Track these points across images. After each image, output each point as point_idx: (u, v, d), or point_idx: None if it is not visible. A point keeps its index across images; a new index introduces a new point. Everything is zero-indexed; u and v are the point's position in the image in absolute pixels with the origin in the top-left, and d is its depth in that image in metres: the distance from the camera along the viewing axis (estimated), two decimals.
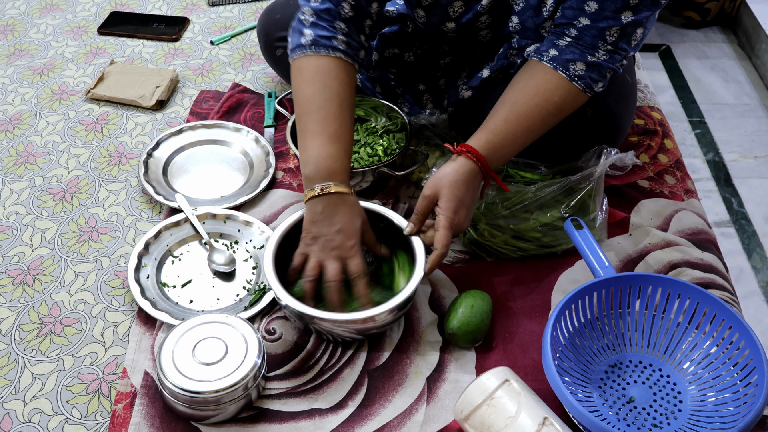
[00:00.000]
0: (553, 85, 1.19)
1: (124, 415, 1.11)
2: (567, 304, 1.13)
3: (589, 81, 1.19)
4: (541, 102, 1.18)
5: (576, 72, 1.18)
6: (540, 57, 1.20)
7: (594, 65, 1.18)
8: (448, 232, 1.13)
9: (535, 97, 1.18)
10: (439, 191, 1.15)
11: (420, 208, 1.18)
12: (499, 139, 1.17)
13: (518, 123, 1.18)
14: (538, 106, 1.18)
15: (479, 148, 1.16)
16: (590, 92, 1.21)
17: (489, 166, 1.17)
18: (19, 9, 2.00)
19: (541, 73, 1.19)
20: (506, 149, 1.18)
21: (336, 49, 1.19)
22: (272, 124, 1.60)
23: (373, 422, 1.12)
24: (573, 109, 1.22)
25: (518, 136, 1.19)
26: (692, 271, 1.33)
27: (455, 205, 1.14)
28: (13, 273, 1.33)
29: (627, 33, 1.17)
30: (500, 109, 1.19)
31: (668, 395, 1.13)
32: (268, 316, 1.25)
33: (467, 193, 1.16)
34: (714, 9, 2.26)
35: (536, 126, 1.19)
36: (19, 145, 1.58)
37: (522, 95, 1.19)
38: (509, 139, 1.18)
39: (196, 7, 2.02)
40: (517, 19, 1.27)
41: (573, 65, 1.18)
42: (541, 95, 1.18)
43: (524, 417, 1.01)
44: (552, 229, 1.30)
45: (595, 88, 1.20)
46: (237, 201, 1.41)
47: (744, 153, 1.85)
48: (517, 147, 1.20)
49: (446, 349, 1.21)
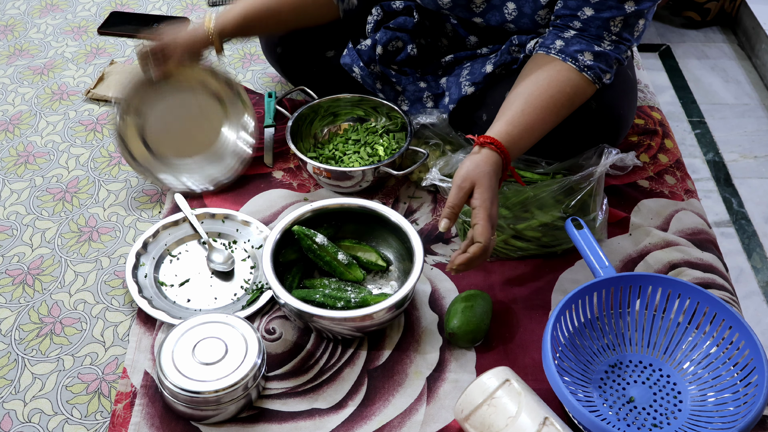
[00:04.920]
0: (564, 77, 1.19)
1: (124, 415, 1.11)
2: (567, 304, 1.13)
3: (598, 71, 1.19)
4: (555, 93, 1.18)
5: (585, 62, 1.18)
6: (547, 50, 1.21)
7: (601, 55, 1.19)
8: (489, 224, 1.10)
9: (548, 89, 1.18)
10: (475, 182, 1.11)
11: (455, 201, 1.12)
12: (518, 131, 1.16)
13: (535, 115, 1.17)
14: (552, 98, 1.18)
15: (501, 139, 1.15)
16: (599, 83, 1.21)
17: (510, 158, 1.16)
18: (19, 9, 2.00)
19: (552, 65, 1.20)
20: (524, 141, 1.18)
21: None
22: (272, 124, 1.60)
23: (373, 422, 1.12)
24: (583, 101, 1.22)
25: (535, 128, 1.18)
26: (692, 271, 1.33)
27: (491, 195, 1.11)
28: (13, 273, 1.33)
29: (630, 23, 1.18)
30: (515, 101, 1.19)
31: (668, 395, 1.13)
32: (268, 316, 1.25)
33: (497, 184, 1.14)
34: (714, 9, 2.26)
35: (551, 117, 1.19)
36: (19, 145, 1.58)
37: (536, 87, 1.19)
38: (527, 131, 1.17)
39: (196, 7, 2.02)
40: (513, 5, 1.27)
41: (581, 56, 1.18)
42: (555, 87, 1.18)
43: (524, 417, 1.01)
44: (552, 229, 1.30)
45: (604, 79, 1.21)
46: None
47: (744, 153, 1.84)
48: (533, 139, 1.19)
49: (446, 349, 1.21)
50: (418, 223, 1.41)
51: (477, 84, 1.40)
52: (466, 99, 1.42)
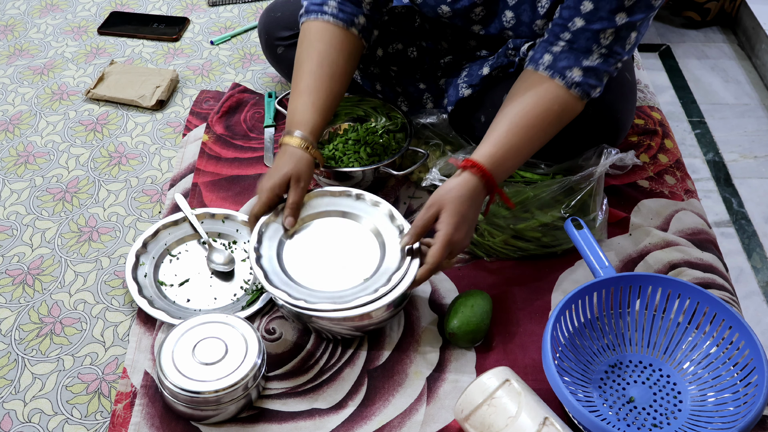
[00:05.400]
0: (552, 95, 1.18)
1: (124, 415, 1.11)
2: (567, 304, 1.13)
3: (587, 87, 1.18)
4: (541, 113, 1.17)
5: (573, 79, 1.17)
6: (535, 66, 1.20)
7: (590, 70, 1.17)
8: (444, 249, 1.11)
9: (534, 108, 1.17)
10: (442, 206, 1.12)
11: (420, 222, 1.14)
12: (502, 152, 1.16)
13: (521, 135, 1.17)
14: (538, 117, 1.17)
15: (484, 162, 1.14)
16: (587, 99, 1.20)
17: (495, 181, 1.15)
18: (19, 9, 2.00)
19: (539, 84, 1.19)
20: (510, 162, 1.17)
21: (324, 13, 1.27)
22: (272, 124, 1.60)
23: (373, 422, 1.12)
24: (572, 117, 1.21)
25: (521, 148, 1.18)
26: (692, 271, 1.33)
27: (457, 221, 1.12)
28: (13, 273, 1.33)
29: (621, 36, 1.16)
30: (501, 122, 1.18)
31: (668, 395, 1.13)
32: (268, 316, 1.25)
33: (470, 209, 1.14)
34: (714, 9, 2.26)
35: (538, 136, 1.18)
36: (19, 145, 1.58)
37: (521, 107, 1.18)
38: (513, 152, 1.17)
39: (196, 7, 2.02)
40: (511, 13, 1.27)
41: (569, 72, 1.17)
42: (541, 106, 1.18)
43: (525, 417, 1.01)
44: (552, 229, 1.30)
45: (592, 93, 1.19)
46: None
47: (744, 153, 1.84)
48: (520, 159, 1.19)
49: (446, 349, 1.21)
50: None
51: (474, 86, 1.40)
52: (465, 101, 1.42)
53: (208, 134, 1.58)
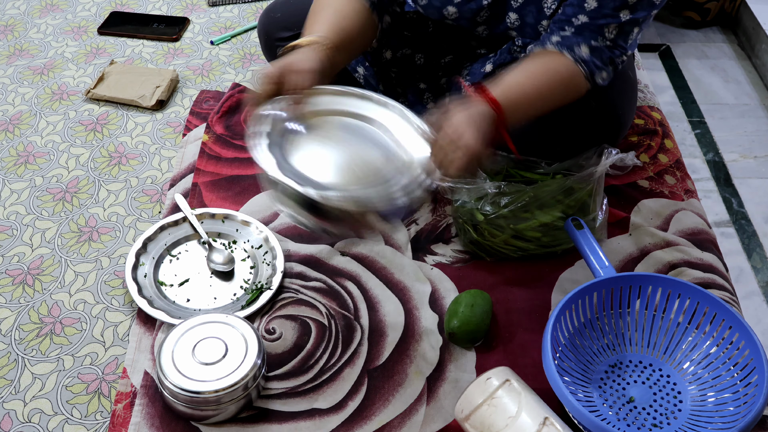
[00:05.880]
0: (560, 62, 1.18)
1: (124, 415, 1.11)
2: (567, 304, 1.13)
3: (593, 67, 1.18)
4: (550, 73, 1.18)
5: (580, 54, 1.18)
6: (543, 45, 1.20)
7: (597, 49, 1.18)
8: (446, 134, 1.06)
9: (543, 67, 1.18)
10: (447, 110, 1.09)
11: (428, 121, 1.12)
12: (515, 95, 1.14)
13: (531, 85, 1.16)
14: (546, 74, 1.17)
15: (496, 95, 1.12)
16: (591, 80, 1.20)
17: (503, 113, 1.11)
18: (19, 9, 2.00)
19: (547, 54, 1.19)
20: (521, 107, 1.15)
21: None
22: None
23: (373, 422, 1.12)
24: (576, 94, 1.21)
25: (531, 98, 1.16)
26: (692, 271, 1.33)
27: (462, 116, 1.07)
28: (13, 273, 1.33)
29: (625, 31, 1.18)
30: (512, 72, 1.17)
31: (668, 395, 1.13)
32: (268, 316, 1.25)
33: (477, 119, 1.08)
34: (714, 9, 2.25)
35: (546, 94, 1.18)
36: (19, 145, 1.58)
37: (531, 65, 1.18)
38: (524, 96, 1.15)
39: (196, 7, 2.02)
40: (515, 15, 1.27)
41: (578, 48, 1.18)
42: (551, 69, 1.18)
43: (525, 417, 1.01)
44: (552, 229, 1.30)
45: (596, 76, 1.19)
46: None
47: (744, 153, 1.84)
48: (528, 108, 1.17)
49: (446, 349, 1.21)
50: (418, 223, 1.41)
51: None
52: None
53: (208, 134, 1.58)
